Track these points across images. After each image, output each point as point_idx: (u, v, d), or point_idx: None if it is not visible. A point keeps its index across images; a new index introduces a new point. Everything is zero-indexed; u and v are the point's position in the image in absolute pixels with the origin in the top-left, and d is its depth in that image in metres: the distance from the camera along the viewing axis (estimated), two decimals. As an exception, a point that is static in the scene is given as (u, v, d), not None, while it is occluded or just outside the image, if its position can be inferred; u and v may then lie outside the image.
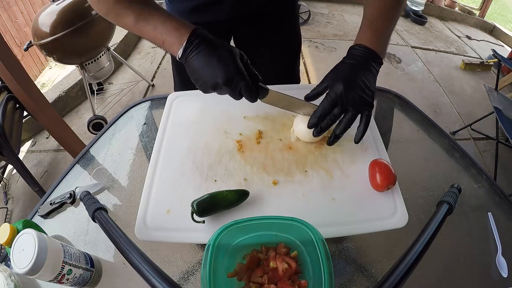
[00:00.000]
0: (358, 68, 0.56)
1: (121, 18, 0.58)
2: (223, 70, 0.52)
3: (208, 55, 0.53)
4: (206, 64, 0.53)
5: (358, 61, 0.57)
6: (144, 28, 0.57)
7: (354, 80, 0.55)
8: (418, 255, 0.44)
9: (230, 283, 0.48)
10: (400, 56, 2.90)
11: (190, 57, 0.54)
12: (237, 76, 0.53)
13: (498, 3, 5.01)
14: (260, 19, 0.86)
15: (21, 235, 0.48)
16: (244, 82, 0.54)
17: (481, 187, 0.72)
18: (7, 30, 2.44)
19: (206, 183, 0.61)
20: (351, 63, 0.57)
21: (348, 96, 0.55)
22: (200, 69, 0.54)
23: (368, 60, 0.57)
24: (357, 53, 0.57)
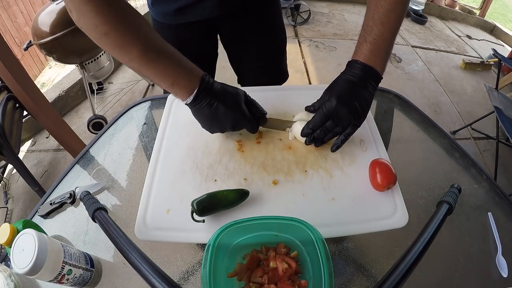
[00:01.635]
0: (355, 86, 0.56)
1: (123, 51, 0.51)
2: (230, 120, 0.58)
3: (216, 106, 0.56)
4: (214, 115, 0.57)
5: (355, 78, 0.56)
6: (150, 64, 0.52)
7: (348, 99, 0.55)
8: (418, 255, 0.44)
9: (230, 283, 0.48)
10: (400, 55, 2.90)
11: (198, 106, 0.57)
12: (242, 121, 0.60)
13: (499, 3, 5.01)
14: (243, 16, 0.88)
15: (21, 235, 0.48)
16: (249, 125, 0.61)
17: (481, 187, 0.72)
18: (7, 30, 2.44)
19: (206, 182, 0.61)
20: (348, 80, 0.57)
21: (339, 114, 0.56)
22: (210, 118, 0.59)
23: (367, 78, 0.55)
24: (356, 71, 0.56)
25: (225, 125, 0.60)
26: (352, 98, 0.55)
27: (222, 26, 0.91)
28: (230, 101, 0.58)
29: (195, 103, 0.56)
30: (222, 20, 0.87)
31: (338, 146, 0.60)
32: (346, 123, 0.57)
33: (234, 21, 0.88)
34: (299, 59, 2.73)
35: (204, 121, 0.60)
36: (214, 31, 0.93)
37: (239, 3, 0.84)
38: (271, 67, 1.02)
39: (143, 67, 0.52)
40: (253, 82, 0.83)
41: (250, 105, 0.62)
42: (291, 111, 0.73)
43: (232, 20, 0.88)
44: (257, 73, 1.01)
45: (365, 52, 0.55)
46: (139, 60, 0.51)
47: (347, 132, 0.58)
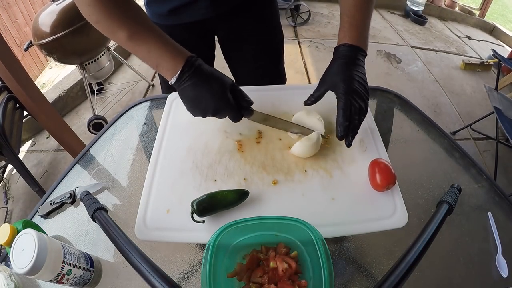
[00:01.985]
0: (350, 65, 0.60)
1: (112, 32, 0.56)
2: (213, 104, 0.57)
3: (200, 87, 0.56)
4: (197, 96, 0.57)
5: (348, 59, 0.60)
6: (136, 47, 0.57)
7: (352, 77, 0.59)
8: (418, 255, 0.44)
9: (230, 283, 0.48)
10: (400, 56, 2.91)
11: (182, 86, 0.57)
12: (225, 109, 0.58)
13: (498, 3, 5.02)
14: (238, 17, 0.87)
15: (21, 235, 0.48)
16: (232, 113, 0.59)
17: (481, 187, 0.72)
18: (7, 30, 2.44)
19: (206, 183, 0.61)
20: (342, 62, 0.60)
21: (354, 92, 0.58)
22: (192, 100, 0.58)
23: (356, 56, 0.60)
24: (345, 53, 0.61)
25: (207, 108, 0.57)
26: (353, 75, 0.59)
27: (217, 27, 0.90)
28: (214, 85, 0.57)
29: (179, 83, 0.57)
30: (217, 21, 0.87)
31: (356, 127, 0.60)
32: (364, 97, 0.59)
33: (229, 22, 0.88)
34: (299, 60, 2.73)
35: (187, 102, 0.59)
36: (210, 32, 0.93)
37: (234, 4, 0.84)
38: (268, 69, 1.01)
39: (132, 50, 0.57)
40: (250, 84, 0.83)
41: (236, 94, 0.61)
42: (291, 110, 0.73)
43: (228, 21, 0.88)
44: (254, 75, 1.01)
45: (351, 34, 0.61)
46: (127, 44, 0.56)
47: (365, 108, 0.60)
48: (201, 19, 0.84)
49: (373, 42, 3.07)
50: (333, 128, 0.68)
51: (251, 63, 0.99)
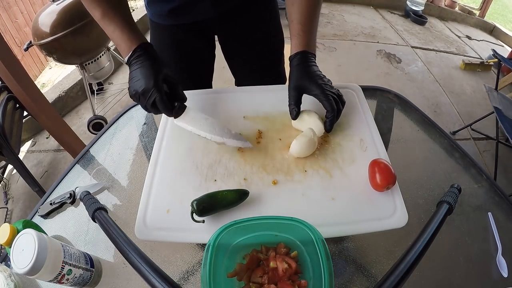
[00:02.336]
0: (308, 67, 0.67)
1: (90, 10, 0.65)
2: (141, 82, 0.60)
3: (139, 68, 0.62)
4: (134, 75, 0.62)
5: (304, 64, 0.67)
6: (106, 27, 0.65)
7: (315, 75, 0.66)
8: (418, 255, 0.44)
9: (230, 283, 0.48)
10: (400, 56, 2.91)
11: (130, 66, 0.63)
12: (153, 89, 0.60)
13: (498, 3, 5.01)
14: (238, 17, 0.87)
15: (21, 235, 0.48)
16: (159, 95, 0.60)
17: (481, 187, 0.72)
18: (7, 30, 2.44)
19: (206, 183, 0.61)
20: (301, 67, 0.67)
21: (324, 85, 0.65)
22: (130, 78, 0.63)
23: (309, 59, 0.68)
24: (301, 59, 0.67)
25: (137, 87, 0.61)
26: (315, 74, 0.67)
27: (217, 27, 0.90)
28: (150, 67, 0.61)
29: (129, 63, 0.64)
30: (217, 21, 0.87)
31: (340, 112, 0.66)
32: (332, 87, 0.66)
33: (229, 22, 0.88)
34: (299, 60, 2.73)
35: (129, 80, 0.63)
36: (211, 32, 0.93)
37: (233, 5, 0.84)
38: (267, 69, 1.01)
39: (103, 29, 0.65)
40: (250, 84, 0.83)
41: (170, 85, 0.65)
42: (291, 111, 0.73)
43: (228, 21, 0.87)
44: (254, 75, 1.01)
45: (304, 42, 0.68)
46: (100, 23, 0.65)
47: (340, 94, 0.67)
48: (201, 20, 0.84)
49: (373, 42, 3.07)
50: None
51: (251, 63, 0.99)
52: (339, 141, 0.67)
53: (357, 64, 2.72)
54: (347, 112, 0.73)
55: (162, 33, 0.89)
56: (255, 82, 0.86)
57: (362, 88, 0.79)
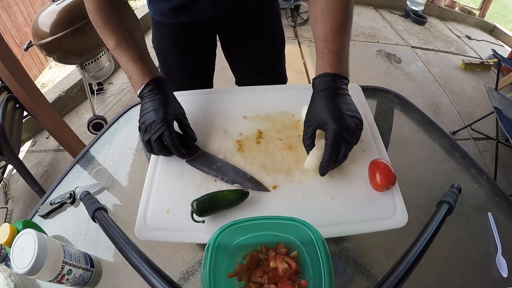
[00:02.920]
0: (334, 97, 0.55)
1: (104, 39, 0.65)
2: (152, 114, 0.58)
3: (151, 101, 0.60)
4: (146, 107, 0.60)
5: (330, 90, 0.56)
6: (119, 57, 0.64)
7: (340, 112, 0.54)
8: (418, 255, 0.44)
9: (230, 283, 0.48)
10: (400, 56, 2.91)
11: (142, 100, 0.62)
12: (162, 122, 0.57)
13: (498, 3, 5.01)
14: (239, 17, 0.87)
15: (21, 235, 0.48)
16: (168, 131, 0.57)
17: (481, 187, 0.72)
18: (7, 30, 2.44)
19: (206, 182, 0.61)
20: (325, 95, 0.56)
21: (344, 130, 0.53)
22: (142, 111, 0.60)
23: (339, 85, 0.56)
24: (327, 84, 0.56)
25: (147, 117, 0.58)
26: (340, 107, 0.54)
27: (218, 26, 0.91)
28: (161, 102, 0.59)
29: (141, 97, 0.62)
30: (218, 20, 0.87)
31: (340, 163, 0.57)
32: (356, 131, 0.55)
33: (230, 22, 0.88)
34: (299, 60, 2.73)
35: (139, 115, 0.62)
36: (211, 31, 0.93)
37: (234, 4, 0.84)
38: (268, 69, 1.02)
39: (117, 58, 0.65)
40: (250, 84, 0.83)
41: (181, 125, 0.63)
42: (291, 110, 0.73)
43: (228, 21, 0.88)
44: (254, 74, 1.01)
45: (332, 62, 0.56)
46: (113, 53, 0.64)
47: (356, 140, 0.56)
48: (202, 19, 0.84)
49: (373, 42, 3.07)
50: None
51: (251, 62, 0.99)
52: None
53: (357, 64, 2.72)
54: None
55: (163, 32, 0.89)
56: (255, 81, 0.86)
57: (362, 88, 0.79)
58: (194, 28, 0.87)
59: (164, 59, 0.95)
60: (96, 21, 0.64)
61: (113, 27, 0.63)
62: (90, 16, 0.64)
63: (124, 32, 0.63)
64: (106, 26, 0.63)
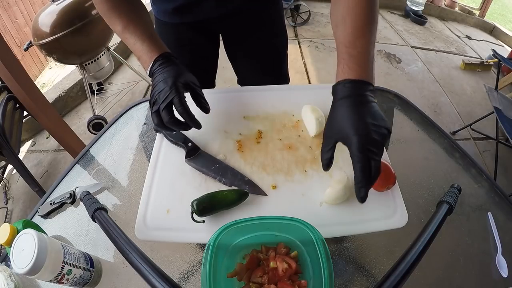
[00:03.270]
0: (359, 107, 0.48)
1: (112, 25, 0.65)
2: (161, 85, 0.57)
3: (160, 74, 0.59)
4: (156, 82, 0.58)
5: (354, 99, 0.48)
6: (127, 40, 0.64)
7: (364, 123, 0.46)
8: (418, 255, 0.44)
9: (230, 283, 0.48)
10: (400, 56, 2.91)
11: (152, 77, 0.60)
12: (171, 89, 0.55)
13: (498, 3, 5.02)
14: (242, 18, 0.87)
15: (21, 235, 0.48)
16: (178, 97, 0.55)
17: (481, 187, 0.72)
18: (7, 30, 2.44)
19: (206, 183, 0.61)
20: (348, 104, 0.48)
21: (370, 144, 0.46)
22: (153, 87, 0.59)
23: (363, 93, 0.49)
24: (349, 91, 0.49)
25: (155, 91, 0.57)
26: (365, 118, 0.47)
27: (221, 26, 0.91)
28: (169, 72, 0.58)
29: (151, 74, 0.61)
30: (221, 21, 0.87)
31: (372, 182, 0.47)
32: (383, 142, 0.47)
33: (233, 22, 0.88)
34: (299, 60, 2.73)
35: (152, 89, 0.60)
36: (214, 31, 0.93)
37: (237, 5, 0.84)
38: (270, 69, 1.02)
39: (124, 41, 0.65)
40: (253, 84, 0.83)
41: (195, 95, 0.62)
42: (291, 110, 0.73)
43: (231, 21, 0.88)
44: (255, 74, 1.01)
45: (353, 68, 0.50)
46: (121, 36, 0.65)
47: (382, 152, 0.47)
48: (205, 19, 0.85)
49: (373, 42, 3.07)
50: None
51: (253, 62, 0.99)
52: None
53: (357, 64, 2.72)
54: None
55: (166, 31, 0.89)
56: (257, 81, 0.87)
57: (362, 88, 0.78)
58: (197, 27, 0.88)
59: None
60: (102, 9, 0.64)
61: (120, 12, 0.63)
62: (97, 5, 0.65)
63: (131, 14, 0.64)
64: (112, 11, 0.63)
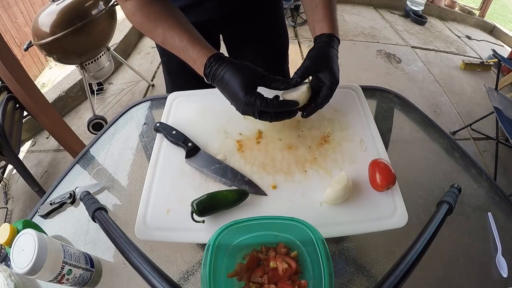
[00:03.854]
0: (330, 52, 0.65)
1: (151, 35, 0.65)
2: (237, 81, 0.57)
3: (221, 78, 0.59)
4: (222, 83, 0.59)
5: (327, 46, 0.65)
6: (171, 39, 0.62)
7: (333, 64, 0.63)
8: (418, 255, 0.44)
9: (230, 283, 0.48)
10: (400, 56, 2.90)
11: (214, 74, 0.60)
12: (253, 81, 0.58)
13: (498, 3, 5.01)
14: (244, 18, 0.87)
15: (21, 235, 0.48)
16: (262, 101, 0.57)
17: (481, 187, 0.72)
18: (7, 30, 2.45)
19: (206, 183, 0.61)
20: (322, 49, 0.65)
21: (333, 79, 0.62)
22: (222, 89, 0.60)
23: (333, 43, 0.66)
24: (325, 40, 0.66)
25: (235, 89, 0.57)
26: (333, 62, 0.64)
27: (222, 26, 0.91)
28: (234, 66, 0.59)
29: (209, 80, 0.61)
30: (223, 21, 0.87)
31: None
32: (336, 81, 0.63)
33: (234, 22, 0.88)
34: (299, 60, 2.73)
35: (223, 93, 0.61)
36: (216, 31, 0.93)
37: (239, 5, 0.84)
38: (271, 69, 1.01)
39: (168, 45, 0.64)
40: None
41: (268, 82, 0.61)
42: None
43: (233, 21, 0.88)
44: None
45: (327, 26, 0.67)
46: (164, 41, 0.64)
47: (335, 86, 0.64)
48: (207, 19, 0.84)
49: (373, 42, 3.07)
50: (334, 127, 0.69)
51: (255, 62, 0.99)
52: (339, 141, 0.67)
53: (357, 64, 2.72)
54: (347, 112, 0.73)
55: None
56: None
57: (362, 88, 0.79)
58: (198, 28, 0.87)
59: (167, 59, 0.95)
60: (137, 21, 0.64)
61: (158, 16, 0.62)
62: (132, 18, 0.65)
63: (170, 18, 0.63)
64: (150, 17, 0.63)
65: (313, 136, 0.68)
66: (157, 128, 0.69)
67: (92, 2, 1.68)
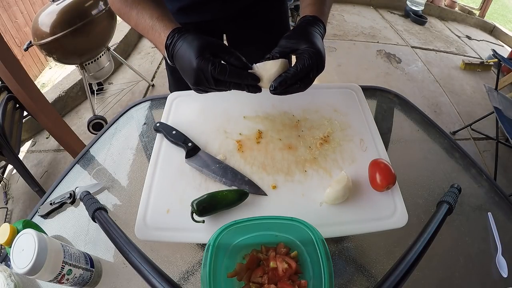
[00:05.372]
0: (309, 29, 0.61)
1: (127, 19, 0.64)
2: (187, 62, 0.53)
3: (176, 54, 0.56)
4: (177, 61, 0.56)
5: (307, 25, 0.62)
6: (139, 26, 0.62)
7: (314, 38, 0.59)
8: (418, 255, 0.44)
9: (230, 283, 0.48)
10: (400, 56, 2.90)
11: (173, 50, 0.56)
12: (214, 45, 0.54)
13: (498, 3, 5.01)
14: (248, 19, 0.87)
15: (21, 235, 0.48)
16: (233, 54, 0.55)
17: (481, 187, 0.72)
18: (7, 30, 2.44)
19: (206, 183, 0.61)
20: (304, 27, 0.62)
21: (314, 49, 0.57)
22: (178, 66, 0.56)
23: (316, 24, 0.62)
24: (308, 20, 0.63)
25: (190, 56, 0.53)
26: (315, 38, 0.60)
27: (226, 27, 0.91)
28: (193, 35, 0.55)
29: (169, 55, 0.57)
30: (226, 21, 0.87)
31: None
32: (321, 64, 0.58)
33: (238, 22, 0.88)
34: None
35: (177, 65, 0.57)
36: (219, 31, 0.93)
37: (243, 5, 0.84)
38: None
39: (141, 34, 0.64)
40: None
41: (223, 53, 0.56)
42: (290, 110, 0.73)
43: (236, 21, 0.88)
44: None
45: (312, 9, 0.65)
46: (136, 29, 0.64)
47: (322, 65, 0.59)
48: (210, 19, 0.84)
49: (373, 42, 3.07)
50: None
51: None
52: (339, 141, 0.67)
53: (357, 64, 2.72)
54: (347, 112, 0.73)
55: None
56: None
57: (362, 88, 0.79)
58: (202, 27, 0.88)
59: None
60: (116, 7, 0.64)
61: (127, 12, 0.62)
62: (113, 5, 0.65)
63: (137, 15, 0.62)
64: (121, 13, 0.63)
65: (313, 136, 0.68)
66: (157, 128, 0.69)
67: (92, 2, 1.68)
